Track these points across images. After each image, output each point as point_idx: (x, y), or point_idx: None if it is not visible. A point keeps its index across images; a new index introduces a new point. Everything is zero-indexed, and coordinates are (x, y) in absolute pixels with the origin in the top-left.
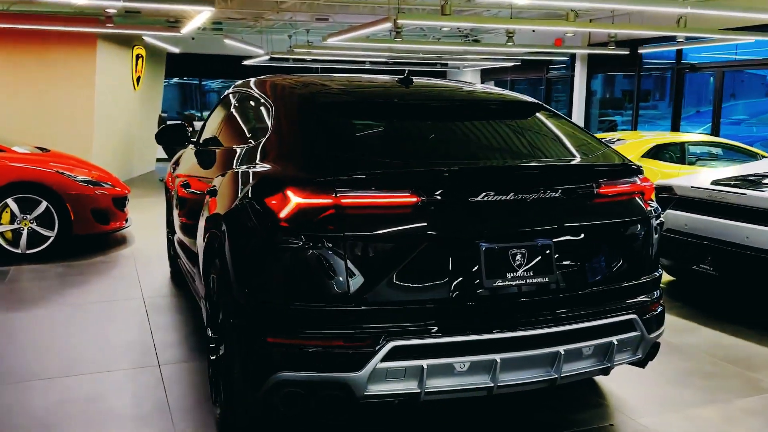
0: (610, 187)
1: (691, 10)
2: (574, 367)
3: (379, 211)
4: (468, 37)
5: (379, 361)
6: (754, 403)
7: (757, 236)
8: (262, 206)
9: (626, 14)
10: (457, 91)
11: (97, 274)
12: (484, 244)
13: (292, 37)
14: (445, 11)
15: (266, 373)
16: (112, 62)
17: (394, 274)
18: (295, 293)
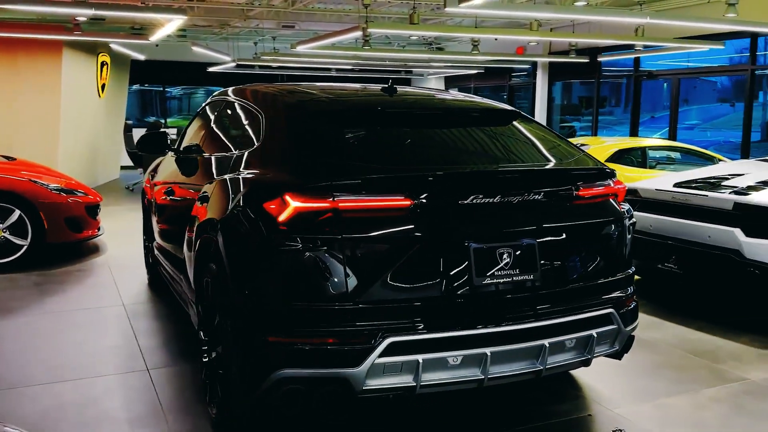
0: (588, 190)
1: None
2: (557, 359)
3: (374, 214)
4: (432, 46)
5: (377, 357)
6: (720, 392)
7: (718, 235)
8: (260, 211)
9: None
10: (441, 100)
11: (74, 282)
12: (473, 244)
13: (258, 44)
14: (413, 20)
15: (266, 372)
16: (77, 69)
17: (389, 274)
18: (294, 293)
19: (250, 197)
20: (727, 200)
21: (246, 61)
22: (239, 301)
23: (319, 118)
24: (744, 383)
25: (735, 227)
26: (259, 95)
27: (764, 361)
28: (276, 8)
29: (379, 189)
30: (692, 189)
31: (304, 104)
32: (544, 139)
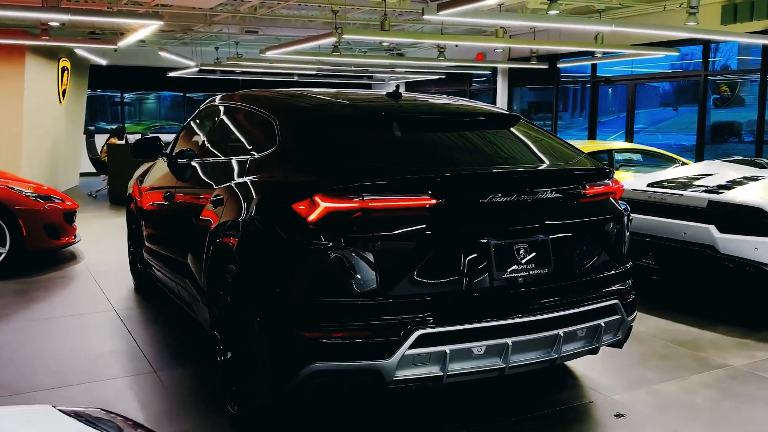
0: (592, 189)
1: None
2: (570, 347)
3: (401, 213)
4: (393, 51)
5: (407, 348)
6: (706, 378)
7: (693, 232)
8: (289, 212)
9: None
10: (449, 105)
11: (57, 289)
12: (493, 241)
13: (219, 49)
14: (384, 27)
15: (299, 366)
16: (39, 75)
17: (416, 269)
18: (325, 290)
19: (277, 199)
20: (702, 198)
21: (209, 66)
22: (269, 298)
23: (340, 122)
24: (727, 369)
25: (709, 224)
26: (270, 101)
27: (742, 349)
28: (241, 14)
29: (405, 189)
30: (667, 188)
31: (323, 109)
32: (546, 141)
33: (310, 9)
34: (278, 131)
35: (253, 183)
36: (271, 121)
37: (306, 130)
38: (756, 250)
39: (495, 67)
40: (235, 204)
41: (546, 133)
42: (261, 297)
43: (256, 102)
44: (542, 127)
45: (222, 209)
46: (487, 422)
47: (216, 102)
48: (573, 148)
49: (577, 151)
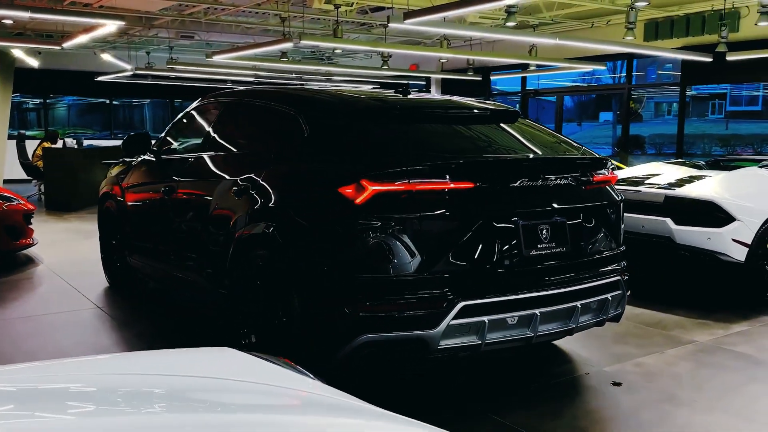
0: (597, 176)
1: (548, 41)
2: (584, 318)
3: (441, 195)
4: (324, 59)
5: (451, 319)
6: (680, 352)
7: (651, 225)
8: (335, 195)
9: (479, 44)
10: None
11: (28, 289)
12: (521, 221)
13: (151, 53)
14: (337, 34)
15: (351, 337)
16: None
17: (456, 247)
18: (373, 266)
19: (320, 184)
20: (659, 194)
21: (143, 71)
22: (318, 277)
23: (365, 115)
24: (695, 344)
25: (666, 217)
26: (290, 97)
27: (704, 328)
28: (185, 18)
29: (445, 173)
30: (624, 185)
31: (348, 102)
32: (549, 134)
33: (250, 16)
34: (304, 123)
35: (286, 171)
36: (292, 114)
37: (336, 121)
38: (709, 239)
39: (429, 78)
40: (265, 192)
41: (544, 127)
42: (309, 276)
43: (270, 97)
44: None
45: (247, 199)
46: (506, 393)
47: (213, 99)
48: (572, 141)
49: (576, 143)
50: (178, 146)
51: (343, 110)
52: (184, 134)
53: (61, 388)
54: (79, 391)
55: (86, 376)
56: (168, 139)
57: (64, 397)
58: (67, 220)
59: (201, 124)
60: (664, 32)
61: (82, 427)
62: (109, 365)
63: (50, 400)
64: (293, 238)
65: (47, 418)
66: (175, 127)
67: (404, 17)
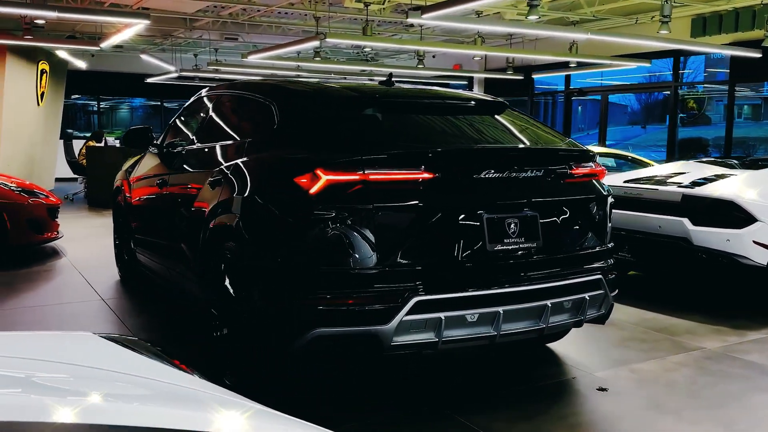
0: (579, 169)
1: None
2: (557, 319)
3: (399, 186)
4: (370, 60)
5: (404, 314)
6: (683, 358)
7: (668, 225)
8: (291, 185)
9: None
10: (440, 91)
11: (44, 280)
12: (486, 214)
13: (198, 56)
14: (366, 32)
15: (303, 331)
16: (19, 76)
17: (413, 240)
18: (326, 258)
19: (278, 173)
20: (676, 193)
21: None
22: (272, 268)
23: (337, 104)
24: (702, 351)
25: (683, 217)
26: (265, 87)
27: (716, 334)
28: (223, 19)
29: (403, 163)
30: (642, 184)
31: (320, 92)
32: (533, 126)
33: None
34: (276, 113)
35: (252, 161)
36: (267, 104)
37: (304, 110)
38: (728, 241)
39: (471, 78)
40: (233, 183)
41: (533, 120)
42: (264, 267)
43: (250, 88)
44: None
45: (219, 190)
46: (480, 394)
47: (206, 92)
48: (558, 134)
49: (562, 136)
50: (176, 140)
51: (312, 100)
52: (181, 128)
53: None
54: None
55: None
56: (169, 133)
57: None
58: (105, 216)
59: (195, 117)
60: (712, 28)
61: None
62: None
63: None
64: (255, 229)
65: None
66: (176, 121)
67: (422, 12)
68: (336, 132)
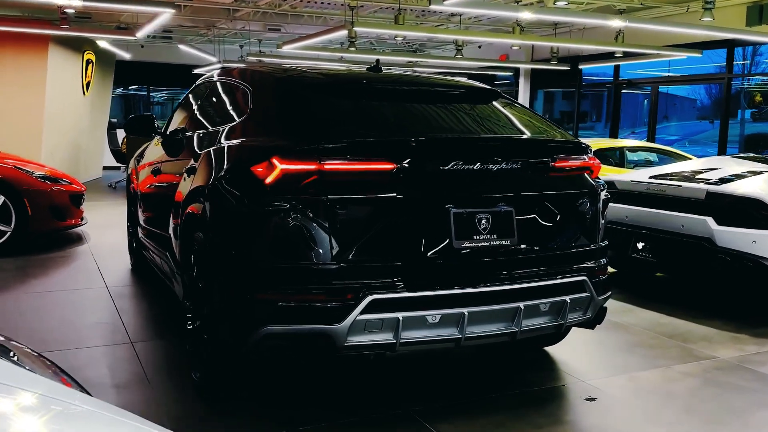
0: (564, 162)
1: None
2: (532, 322)
3: (358, 177)
4: (417, 52)
5: (358, 314)
6: (690, 368)
7: (691, 224)
8: (248, 174)
9: (568, 31)
10: (425, 78)
11: (57, 267)
12: (454, 209)
13: (244, 47)
14: (398, 21)
15: (253, 328)
16: (63, 66)
17: (372, 235)
18: (280, 252)
19: (238, 162)
20: (700, 190)
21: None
22: (228, 260)
23: (306, 89)
24: (714, 360)
25: (707, 216)
26: (246, 72)
27: (734, 342)
28: (262, 9)
29: (364, 153)
30: (667, 180)
31: (290, 76)
32: (524, 116)
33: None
34: (250, 100)
35: (220, 149)
36: (245, 90)
37: (272, 96)
38: (754, 243)
39: (517, 69)
40: (204, 170)
41: (527, 110)
42: (220, 259)
43: (234, 75)
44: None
45: (192, 178)
46: (458, 398)
47: (202, 79)
48: (551, 125)
49: (554, 127)
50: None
51: (282, 85)
52: (180, 115)
53: None
54: None
55: None
56: (171, 121)
57: None
58: None
59: (191, 104)
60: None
61: None
62: None
63: None
64: (215, 219)
65: None
66: (178, 109)
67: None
68: (300, 119)
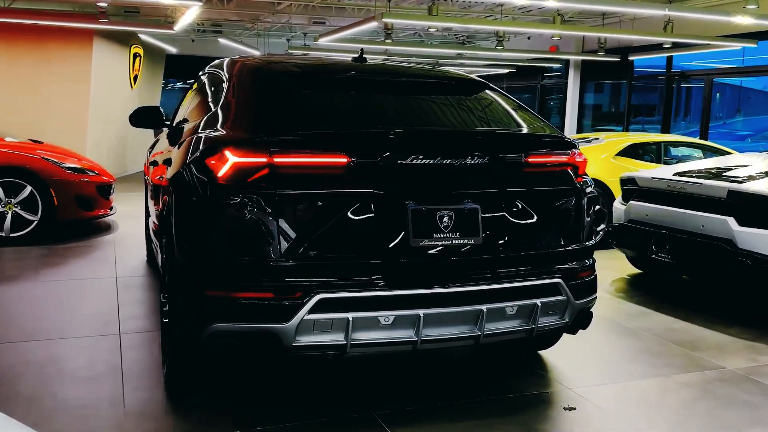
0: (539, 157)
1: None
2: (497, 326)
3: (310, 170)
4: (464, 44)
5: (306, 313)
6: (692, 378)
7: (711, 225)
8: (203, 167)
9: (617, 21)
10: (408, 69)
11: (76, 256)
12: (412, 205)
13: (291, 40)
14: (432, 12)
15: (204, 324)
16: (108, 59)
17: (323, 231)
18: (230, 248)
19: (196, 154)
20: (721, 188)
21: None
22: (180, 255)
23: (275, 80)
24: (719, 371)
25: (728, 216)
26: (227, 64)
27: (748, 352)
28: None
29: (317, 145)
30: (689, 177)
31: (263, 68)
32: (509, 110)
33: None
34: (224, 90)
35: (189, 140)
36: (224, 81)
37: (242, 87)
38: None
39: (567, 60)
40: (174, 162)
41: (514, 103)
42: (177, 253)
43: (220, 66)
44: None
45: (167, 170)
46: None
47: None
48: (539, 119)
49: (541, 121)
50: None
51: (252, 76)
52: (182, 107)
53: None
54: None
55: None
56: (177, 113)
57: None
58: None
59: (191, 95)
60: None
61: None
62: None
63: None
64: (174, 212)
65: None
66: (183, 100)
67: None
68: (259, 110)
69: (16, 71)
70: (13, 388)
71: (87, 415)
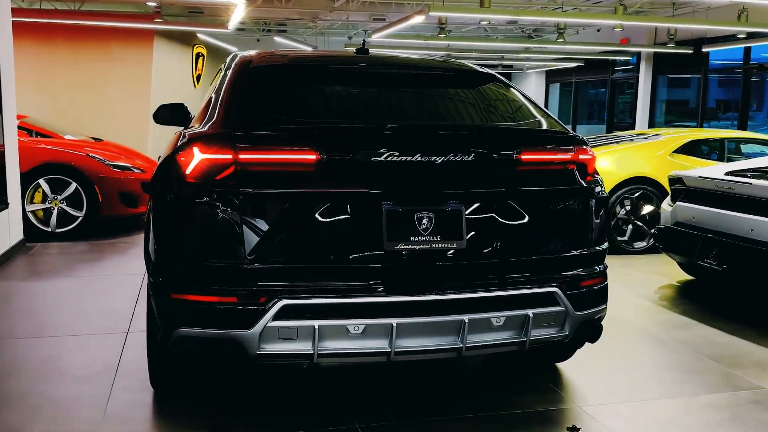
0: (534, 154)
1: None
2: (482, 338)
3: (278, 168)
4: (531, 37)
5: (270, 320)
6: (721, 399)
7: (761, 228)
8: (175, 164)
9: (690, 11)
10: (408, 60)
11: (114, 252)
12: (387, 206)
13: (352, 38)
14: (484, 4)
15: (170, 329)
16: (169, 59)
17: (291, 233)
18: (195, 249)
19: (172, 150)
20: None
21: None
22: (151, 256)
23: (261, 74)
24: (755, 392)
25: None
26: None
27: None
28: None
29: (285, 142)
30: (740, 177)
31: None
32: (509, 104)
33: None
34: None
35: (176, 135)
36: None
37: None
38: None
39: (638, 53)
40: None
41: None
42: (150, 253)
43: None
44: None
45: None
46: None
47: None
48: (545, 114)
49: (548, 116)
50: None
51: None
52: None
53: None
54: None
55: None
56: None
57: None
58: None
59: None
60: None
61: None
62: None
63: None
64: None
65: None
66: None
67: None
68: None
69: (80, 72)
70: (6, 386)
71: (66, 416)
